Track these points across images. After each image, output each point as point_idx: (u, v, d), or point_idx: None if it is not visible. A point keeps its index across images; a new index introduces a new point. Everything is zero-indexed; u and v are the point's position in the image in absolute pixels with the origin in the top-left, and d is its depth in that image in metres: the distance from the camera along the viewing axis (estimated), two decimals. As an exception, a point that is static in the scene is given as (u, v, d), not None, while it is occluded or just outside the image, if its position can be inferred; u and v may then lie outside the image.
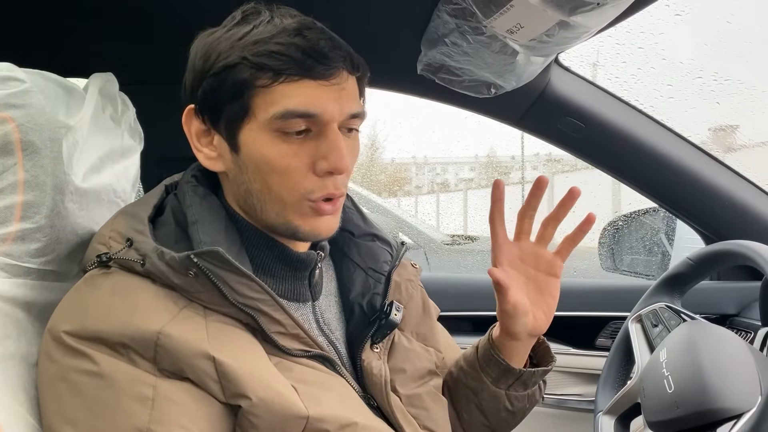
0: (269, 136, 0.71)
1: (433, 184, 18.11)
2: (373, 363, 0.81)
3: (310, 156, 0.72)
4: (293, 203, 0.74)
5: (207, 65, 0.72)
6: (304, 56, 0.70)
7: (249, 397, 0.65)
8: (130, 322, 0.65)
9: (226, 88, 0.71)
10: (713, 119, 4.69)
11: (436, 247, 3.87)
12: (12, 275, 0.75)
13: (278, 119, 0.70)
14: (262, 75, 0.69)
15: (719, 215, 1.42)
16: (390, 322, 0.83)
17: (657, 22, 2.22)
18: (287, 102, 0.70)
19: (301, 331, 0.74)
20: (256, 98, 0.70)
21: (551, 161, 10.83)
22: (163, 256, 0.68)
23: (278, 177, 0.72)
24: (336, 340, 0.83)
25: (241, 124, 0.72)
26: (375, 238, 0.90)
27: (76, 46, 1.24)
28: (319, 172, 0.73)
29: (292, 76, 0.70)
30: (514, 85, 1.15)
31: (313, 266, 0.82)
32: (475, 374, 0.95)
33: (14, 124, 0.73)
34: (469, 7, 0.96)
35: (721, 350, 0.92)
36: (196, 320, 0.68)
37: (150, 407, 0.63)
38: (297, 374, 0.71)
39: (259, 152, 0.72)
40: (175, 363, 0.65)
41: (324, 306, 0.85)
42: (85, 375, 0.64)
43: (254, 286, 0.69)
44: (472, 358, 0.96)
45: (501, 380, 0.93)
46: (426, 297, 0.97)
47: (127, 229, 0.73)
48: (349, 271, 0.88)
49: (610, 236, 1.86)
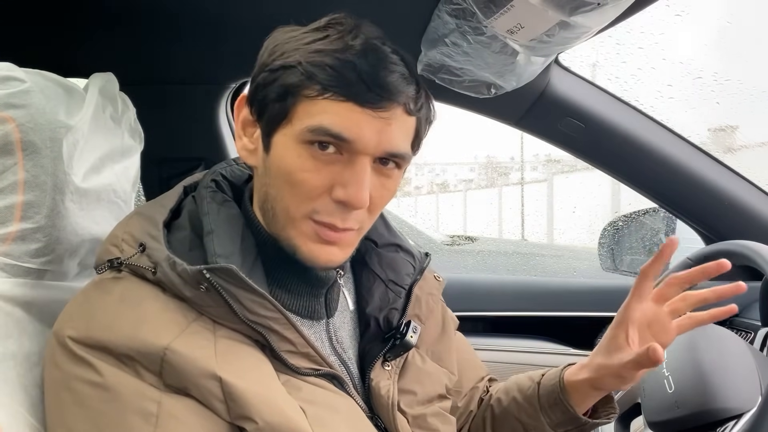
0: (298, 147, 0.69)
1: (432, 185, 18.10)
2: (381, 383, 0.78)
3: (330, 179, 0.69)
4: (297, 219, 0.71)
5: (269, 59, 0.70)
6: (358, 80, 0.67)
7: (255, 420, 0.64)
8: (137, 335, 0.63)
9: (275, 87, 0.69)
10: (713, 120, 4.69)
11: (435, 247, 3.88)
12: (12, 275, 0.75)
13: (310, 132, 0.67)
14: (310, 85, 0.67)
15: (719, 215, 1.42)
16: (405, 344, 0.80)
17: (657, 23, 2.23)
18: (324, 118, 0.67)
19: (312, 350, 0.71)
20: (298, 106, 0.68)
21: (551, 162, 10.83)
22: (175, 267, 0.66)
23: (292, 189, 0.69)
24: (348, 360, 0.80)
25: (278, 127, 0.70)
26: (399, 249, 0.87)
27: (76, 46, 1.24)
28: (333, 197, 0.69)
29: (338, 95, 0.67)
30: (514, 85, 1.15)
31: (331, 284, 0.79)
32: (533, 412, 0.91)
33: (14, 124, 0.73)
34: (469, 8, 0.96)
35: (722, 350, 0.92)
36: (205, 336, 0.66)
37: (154, 424, 0.61)
38: (305, 394, 0.70)
39: (283, 159, 0.69)
40: (181, 380, 0.63)
41: (338, 323, 0.82)
42: (89, 386, 0.62)
43: (267, 304, 0.67)
44: (532, 394, 0.91)
45: (560, 425, 0.89)
46: (446, 312, 0.93)
47: (141, 233, 0.70)
48: (369, 283, 0.85)
49: (609, 236, 1.86)
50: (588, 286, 1.65)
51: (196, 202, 0.76)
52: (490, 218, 11.01)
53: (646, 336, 0.84)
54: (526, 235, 8.93)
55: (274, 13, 1.06)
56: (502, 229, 10.37)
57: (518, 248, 4.90)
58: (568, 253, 4.44)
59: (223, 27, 1.16)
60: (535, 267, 3.91)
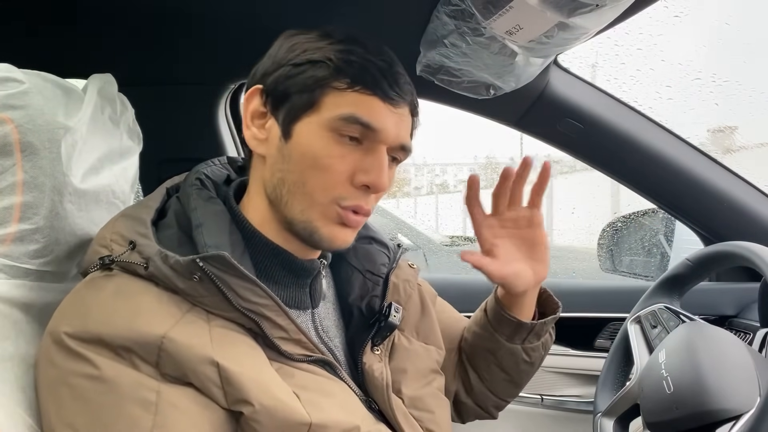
0: (325, 134, 0.74)
1: (432, 186, 18.12)
2: (374, 365, 0.81)
3: (353, 165, 0.75)
4: (322, 204, 0.75)
5: (290, 55, 0.76)
6: (382, 76, 0.74)
7: (252, 403, 0.65)
8: (134, 326, 0.64)
9: (300, 79, 0.74)
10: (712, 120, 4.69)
11: (435, 248, 3.88)
12: (10, 276, 0.75)
13: (341, 120, 0.73)
14: (340, 78, 0.73)
15: (718, 216, 1.43)
16: (389, 324, 0.84)
17: (656, 24, 2.22)
18: (356, 109, 0.73)
19: (303, 336, 0.74)
20: (327, 97, 0.74)
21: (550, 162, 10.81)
22: (167, 260, 0.67)
23: (317, 174, 0.74)
24: (335, 348, 0.83)
25: (302, 115, 0.74)
26: (372, 241, 0.92)
27: (74, 47, 1.23)
28: (356, 183, 0.75)
29: (366, 89, 0.73)
30: (513, 86, 1.15)
31: (316, 274, 0.82)
32: (489, 336, 0.99)
33: (13, 125, 0.73)
34: (468, 9, 0.96)
35: (720, 351, 0.92)
36: (200, 325, 0.68)
37: (153, 413, 0.62)
38: (298, 380, 0.71)
39: (309, 145, 0.74)
40: (179, 368, 0.64)
41: (323, 313, 0.85)
42: (87, 379, 0.63)
43: (258, 291, 0.70)
44: (484, 321, 1.01)
45: (515, 336, 0.98)
46: (423, 294, 0.97)
47: (130, 232, 0.72)
48: (347, 275, 0.89)
49: (609, 237, 1.86)
50: (587, 287, 1.65)
51: (180, 202, 0.78)
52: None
53: (514, 234, 0.95)
54: (525, 236, 8.90)
55: (273, 14, 1.06)
56: (501, 229, 10.33)
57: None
58: (567, 254, 4.44)
59: (222, 28, 1.16)
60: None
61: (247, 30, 1.12)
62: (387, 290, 0.88)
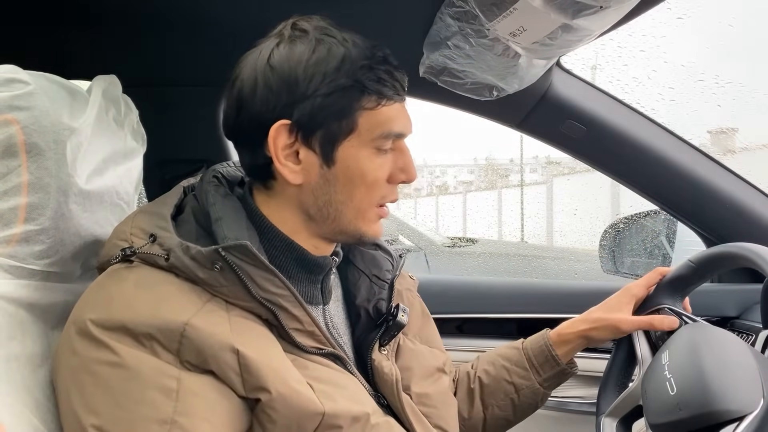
0: (369, 153, 0.78)
1: (432, 187, 18.14)
2: (383, 362, 0.84)
3: (390, 169, 0.80)
4: (367, 210, 0.80)
5: (312, 85, 0.75)
6: (394, 81, 0.78)
7: (269, 390, 0.67)
8: (157, 313, 0.66)
9: (335, 108, 0.76)
10: (714, 122, 4.70)
11: (436, 249, 3.88)
12: (16, 277, 0.75)
13: (383, 138, 0.78)
14: (370, 98, 0.76)
15: (720, 218, 1.42)
16: (397, 323, 0.86)
17: (659, 25, 2.23)
18: (392, 124, 0.78)
19: (317, 329, 0.76)
20: (362, 118, 0.77)
21: (550, 164, 10.84)
22: (189, 251, 0.70)
23: (365, 188, 0.78)
24: (344, 344, 0.85)
25: (343, 141, 0.77)
26: (377, 247, 0.94)
27: (79, 49, 1.24)
28: (394, 181, 0.81)
29: (390, 100, 0.78)
30: (516, 87, 1.15)
31: (328, 270, 0.84)
32: (524, 373, 1.06)
33: (18, 126, 0.74)
34: (471, 10, 0.96)
35: (723, 352, 0.92)
36: (220, 314, 0.70)
37: (174, 399, 0.64)
38: (312, 372, 0.73)
39: (357, 166, 0.77)
40: (200, 355, 0.66)
41: (333, 311, 0.87)
42: (108, 366, 0.65)
43: (277, 281, 0.72)
44: (520, 358, 1.07)
45: (550, 379, 1.06)
46: (423, 305, 1.01)
47: (150, 226, 0.74)
48: (354, 278, 0.91)
49: (610, 239, 1.86)
50: (589, 289, 1.65)
51: (197, 200, 0.80)
52: (490, 220, 11.02)
53: None
54: (526, 238, 8.93)
55: (276, 15, 1.06)
56: (502, 231, 10.38)
57: (518, 250, 4.90)
58: (568, 256, 4.44)
59: (226, 30, 1.16)
60: (535, 269, 3.91)
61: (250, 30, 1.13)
62: (393, 294, 0.91)
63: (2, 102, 0.73)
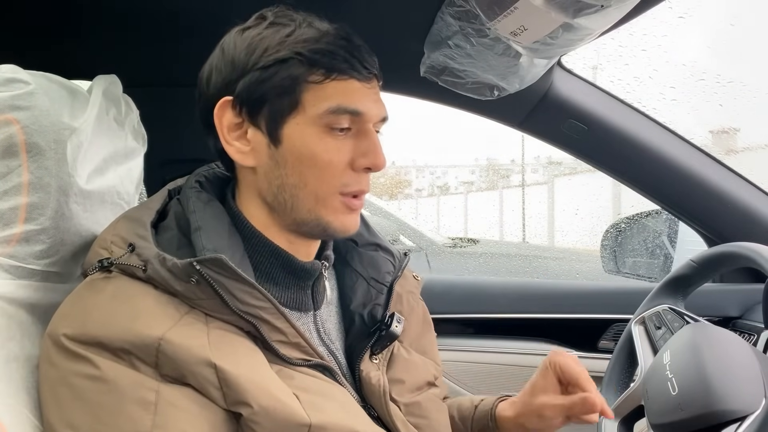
0: (317, 131, 0.73)
1: (433, 187, 18.14)
2: (371, 373, 0.81)
3: (350, 153, 0.75)
4: (326, 198, 0.75)
5: (253, 59, 0.73)
6: (351, 57, 0.74)
7: (250, 404, 0.65)
8: (132, 328, 0.64)
9: (274, 82, 0.72)
10: (716, 122, 4.69)
11: (437, 249, 3.87)
12: (16, 277, 0.75)
13: (330, 114, 0.73)
14: (315, 71, 0.72)
15: (722, 217, 1.42)
16: (390, 334, 0.83)
17: (660, 25, 2.23)
18: (339, 98, 0.73)
19: (302, 340, 0.73)
20: (307, 93, 0.73)
21: (552, 164, 10.83)
22: (165, 263, 0.67)
23: (318, 171, 0.74)
24: (336, 350, 0.82)
25: (287, 118, 0.73)
26: (378, 248, 0.90)
27: (80, 49, 1.24)
28: (357, 168, 0.76)
29: (341, 74, 0.73)
30: (517, 87, 1.15)
31: (317, 276, 0.82)
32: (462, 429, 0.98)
33: (19, 126, 0.74)
34: (472, 10, 0.96)
35: (725, 352, 0.92)
36: (198, 327, 0.67)
37: (153, 412, 0.62)
38: (298, 382, 0.71)
39: (304, 146, 0.73)
40: (177, 369, 0.64)
41: (325, 316, 0.84)
42: (87, 379, 0.63)
43: (256, 293, 0.69)
44: (467, 416, 0.99)
45: None
46: (426, 310, 0.96)
47: (130, 234, 0.72)
48: (351, 281, 0.88)
49: (612, 239, 1.86)
50: (590, 289, 1.65)
51: (181, 204, 0.78)
52: (492, 221, 11.03)
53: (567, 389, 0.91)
54: (527, 238, 8.93)
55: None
56: (503, 231, 10.38)
57: (520, 250, 4.90)
58: (570, 256, 4.43)
59: (228, 29, 1.16)
60: (537, 269, 3.91)
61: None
62: (390, 299, 0.86)
63: (2, 102, 0.73)
